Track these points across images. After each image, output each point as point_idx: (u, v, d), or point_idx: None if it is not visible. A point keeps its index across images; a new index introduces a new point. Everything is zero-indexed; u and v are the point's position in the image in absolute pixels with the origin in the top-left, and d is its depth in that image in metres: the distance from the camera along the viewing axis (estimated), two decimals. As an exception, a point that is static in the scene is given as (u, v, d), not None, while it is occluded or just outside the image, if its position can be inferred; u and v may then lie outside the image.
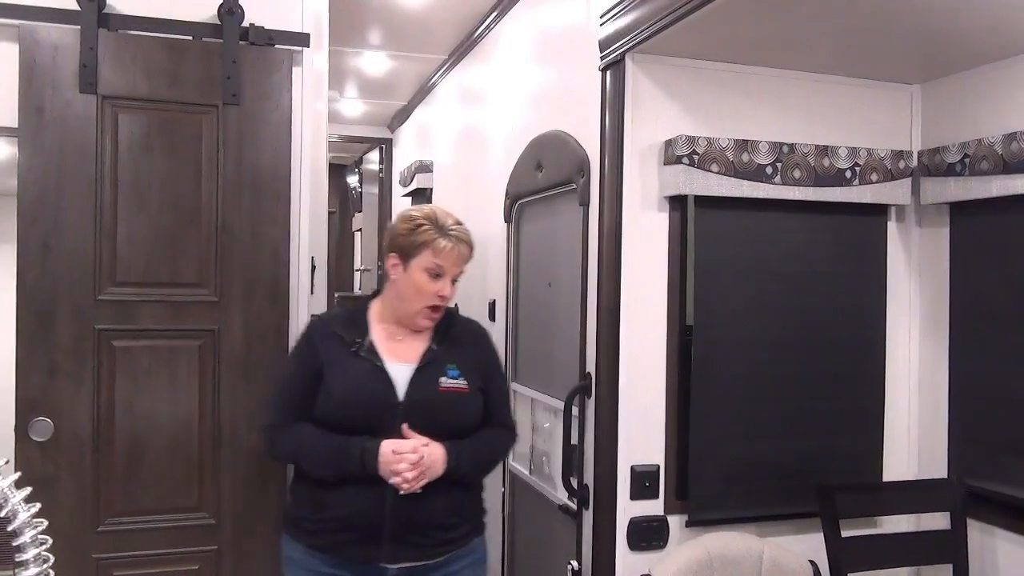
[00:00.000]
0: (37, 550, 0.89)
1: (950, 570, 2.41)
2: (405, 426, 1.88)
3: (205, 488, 2.40)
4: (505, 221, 3.28)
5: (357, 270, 6.91)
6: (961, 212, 2.54)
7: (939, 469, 2.59)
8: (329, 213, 4.24)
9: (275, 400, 2.05)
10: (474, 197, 3.80)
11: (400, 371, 1.94)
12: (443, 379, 1.95)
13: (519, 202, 3.18)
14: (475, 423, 2.01)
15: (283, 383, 2.04)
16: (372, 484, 1.85)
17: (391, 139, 6.01)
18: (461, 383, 1.97)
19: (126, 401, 2.33)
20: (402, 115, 5.55)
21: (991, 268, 2.45)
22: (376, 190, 6.17)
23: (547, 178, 2.85)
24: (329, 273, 3.72)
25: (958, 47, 2.35)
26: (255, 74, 2.46)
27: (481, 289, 3.58)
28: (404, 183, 5.24)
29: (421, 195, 4.94)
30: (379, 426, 1.87)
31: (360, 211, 6.94)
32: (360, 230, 6.89)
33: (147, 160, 2.36)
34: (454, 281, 2.00)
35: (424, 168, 4.78)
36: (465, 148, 4.17)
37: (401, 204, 5.49)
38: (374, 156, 6.29)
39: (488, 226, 3.47)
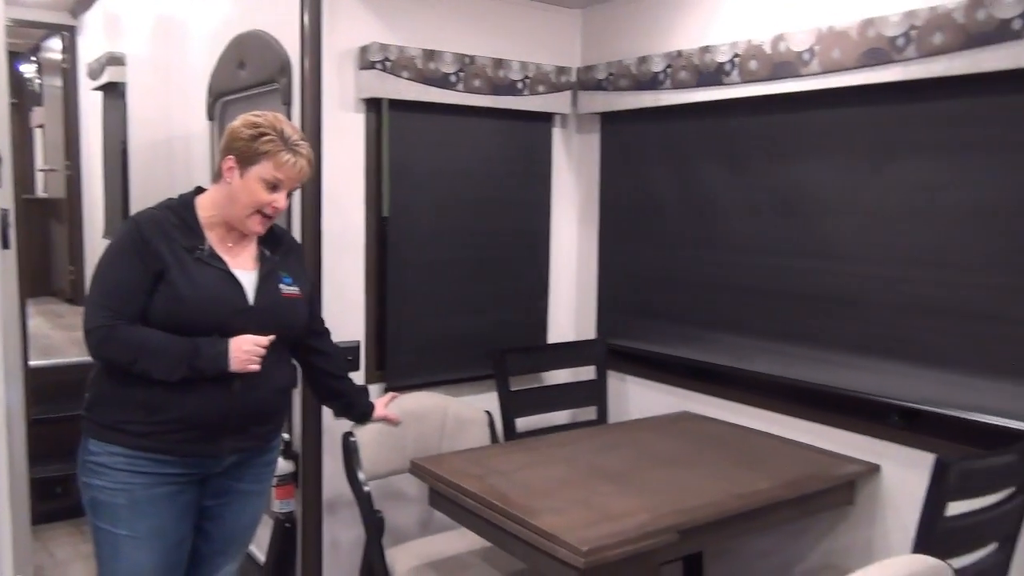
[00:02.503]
0: None
1: (595, 410, 3.03)
2: None
3: None
4: (209, 119, 3.30)
5: (40, 170, 6.33)
6: (608, 121, 3.07)
7: (590, 332, 3.19)
8: None
9: (103, 301, 1.89)
10: (175, 93, 3.73)
11: (245, 277, 1.98)
12: (281, 285, 2.04)
13: (222, 100, 3.22)
14: (306, 325, 2.15)
15: (112, 283, 1.90)
16: (217, 382, 1.90)
17: (75, 26, 5.51)
18: (295, 289, 2.07)
19: None
20: (87, 0, 5.12)
21: (626, 168, 3.02)
22: (60, 83, 5.66)
23: (250, 77, 2.93)
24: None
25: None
26: (-88, -53, 2.26)
27: (185, 184, 3.57)
28: (93, 76, 4.89)
29: (113, 89, 4.68)
30: (229, 330, 1.91)
31: (40, 105, 6.32)
32: (42, 126, 6.29)
33: None
34: (289, 194, 2.02)
35: (116, 60, 4.51)
36: (163, 42, 4.02)
37: (91, 98, 5.14)
38: (55, 44, 5.73)
39: (191, 123, 3.47)
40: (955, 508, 1.75)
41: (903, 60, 2.07)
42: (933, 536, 1.71)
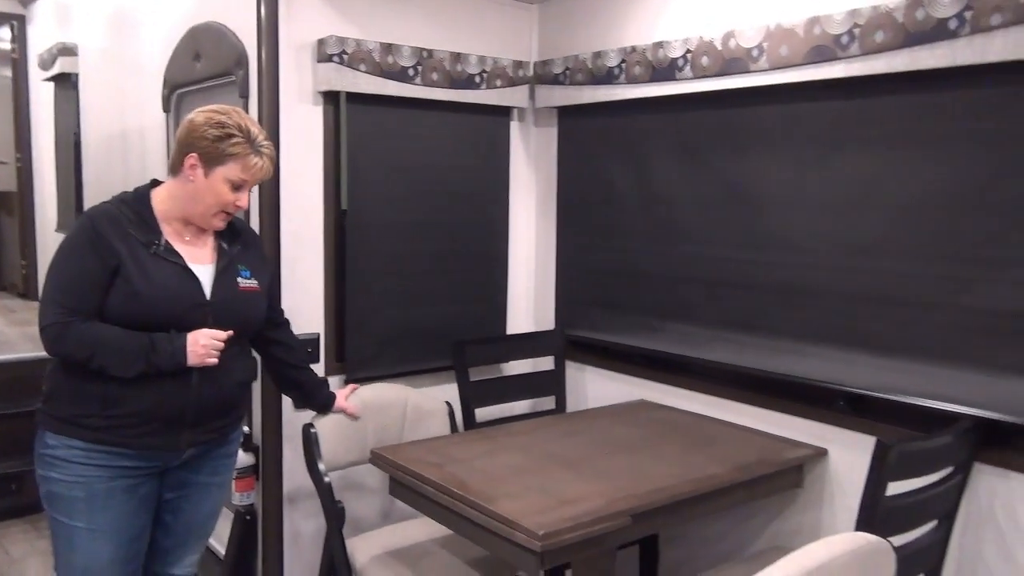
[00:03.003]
0: None
1: (554, 400, 3.08)
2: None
3: None
4: (164, 110, 3.27)
5: (-10, 163, 6.19)
6: (565, 115, 3.11)
7: (548, 323, 3.23)
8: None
9: (58, 297, 1.88)
10: (129, 84, 3.68)
11: (202, 272, 1.98)
12: (239, 279, 2.04)
13: (178, 92, 3.19)
14: (263, 318, 2.14)
15: (67, 279, 1.89)
16: (176, 376, 1.91)
17: (24, 15, 5.40)
18: (253, 283, 2.07)
19: None
20: (37, -11, 5.02)
21: (583, 161, 3.06)
22: (9, 73, 5.54)
23: (206, 69, 2.92)
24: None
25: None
26: None
27: (140, 177, 3.54)
28: (45, 67, 4.81)
29: (65, 80, 4.60)
30: (186, 325, 1.91)
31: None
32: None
33: None
34: (249, 191, 2.02)
35: (68, 51, 4.44)
36: (116, 32, 3.96)
37: (43, 89, 5.04)
38: (4, 34, 5.60)
39: (145, 115, 3.43)
40: (895, 488, 1.83)
41: (847, 57, 2.14)
42: (874, 515, 1.78)
